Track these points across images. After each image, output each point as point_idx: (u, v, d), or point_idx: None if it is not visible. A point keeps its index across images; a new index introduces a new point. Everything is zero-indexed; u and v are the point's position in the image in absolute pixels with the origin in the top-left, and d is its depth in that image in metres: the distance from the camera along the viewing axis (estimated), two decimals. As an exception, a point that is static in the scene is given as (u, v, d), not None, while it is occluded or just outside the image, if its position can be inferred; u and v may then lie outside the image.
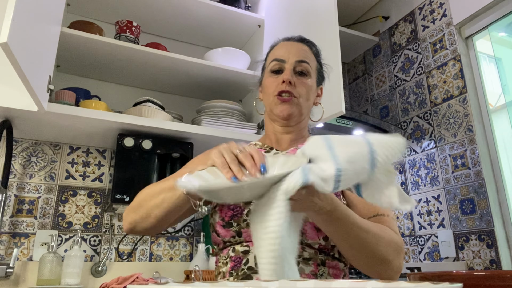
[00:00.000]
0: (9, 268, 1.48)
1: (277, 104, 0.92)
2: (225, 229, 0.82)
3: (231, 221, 0.82)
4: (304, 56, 0.96)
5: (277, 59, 0.95)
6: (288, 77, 0.91)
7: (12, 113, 1.45)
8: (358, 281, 0.40)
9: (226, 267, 0.82)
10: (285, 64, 0.94)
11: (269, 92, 0.94)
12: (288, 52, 0.96)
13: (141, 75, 1.85)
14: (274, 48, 1.01)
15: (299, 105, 0.93)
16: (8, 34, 0.86)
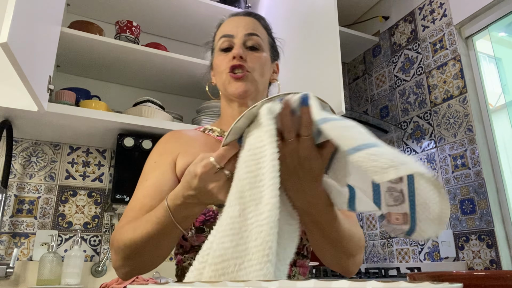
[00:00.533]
0: (9, 268, 1.48)
1: (230, 82, 0.86)
2: (195, 234, 0.76)
3: (203, 226, 0.75)
4: (253, 28, 0.90)
5: (225, 35, 0.90)
6: (238, 51, 0.86)
7: (12, 113, 1.45)
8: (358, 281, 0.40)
9: None
10: (234, 39, 0.88)
11: (221, 71, 0.88)
12: (236, 27, 0.90)
13: (141, 75, 1.85)
14: (221, 26, 0.96)
15: (254, 81, 0.87)
16: (8, 34, 0.86)
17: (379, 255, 2.15)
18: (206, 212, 0.75)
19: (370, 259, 2.22)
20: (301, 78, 1.59)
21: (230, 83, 0.86)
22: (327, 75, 1.44)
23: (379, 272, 1.72)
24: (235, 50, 0.86)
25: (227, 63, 0.87)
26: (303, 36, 1.63)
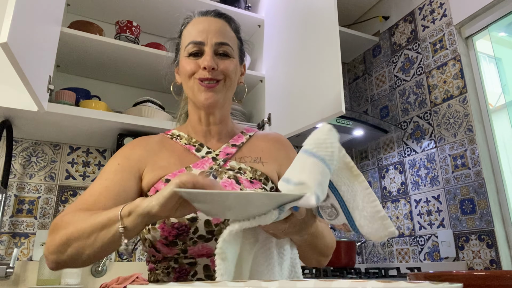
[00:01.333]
0: (9, 268, 1.48)
1: (200, 91, 0.85)
2: (168, 247, 0.76)
3: (176, 240, 0.76)
4: (224, 36, 0.88)
5: (195, 41, 0.86)
6: (210, 63, 0.83)
7: (12, 113, 1.45)
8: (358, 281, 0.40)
9: (169, 277, 0.78)
10: (204, 46, 0.86)
11: (188, 74, 0.86)
12: (206, 32, 0.87)
13: (141, 75, 1.85)
14: (188, 25, 0.92)
15: (224, 89, 0.87)
16: (8, 34, 0.86)
17: (379, 255, 2.15)
18: (179, 227, 0.75)
19: (370, 259, 2.22)
20: (301, 78, 1.59)
21: (200, 91, 0.85)
22: (327, 75, 1.44)
23: (379, 272, 1.72)
24: (207, 62, 0.84)
25: (195, 67, 0.85)
26: (303, 36, 1.63)
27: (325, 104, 1.42)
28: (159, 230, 0.75)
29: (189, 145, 0.91)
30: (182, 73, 0.89)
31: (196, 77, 0.85)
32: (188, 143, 0.91)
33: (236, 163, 0.87)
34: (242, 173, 0.86)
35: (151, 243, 0.78)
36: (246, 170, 0.86)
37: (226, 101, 0.91)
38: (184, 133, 0.94)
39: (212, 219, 0.76)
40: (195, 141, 0.91)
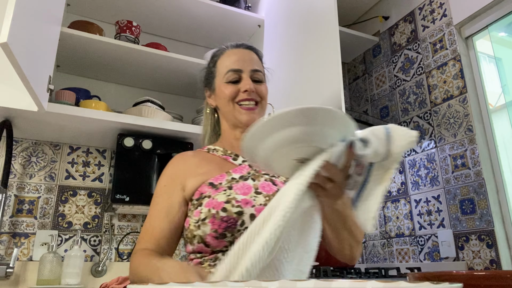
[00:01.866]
0: (9, 268, 1.48)
1: (241, 113, 0.98)
2: (217, 240, 0.84)
3: (225, 232, 0.84)
4: (257, 65, 1.03)
5: (234, 69, 1.00)
6: (251, 86, 0.97)
7: (12, 113, 1.45)
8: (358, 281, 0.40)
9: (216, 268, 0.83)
10: (242, 73, 0.99)
11: (228, 98, 0.98)
12: (242, 61, 1.01)
13: (141, 75, 1.85)
14: (223, 56, 1.05)
15: (261, 110, 1.01)
16: (8, 34, 0.86)
17: (379, 255, 2.15)
18: (228, 220, 0.84)
19: (370, 259, 2.22)
20: (301, 78, 1.59)
21: (241, 114, 0.98)
22: (327, 75, 1.44)
23: (379, 272, 1.72)
24: (248, 86, 0.97)
25: (235, 92, 0.98)
26: (303, 36, 1.63)
27: (325, 104, 1.42)
28: (209, 224, 0.84)
29: (226, 155, 1.01)
30: (221, 97, 1.01)
31: (236, 101, 0.98)
32: (225, 154, 1.02)
33: None
34: (276, 176, 0.96)
35: (201, 238, 0.85)
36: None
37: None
38: (219, 147, 1.05)
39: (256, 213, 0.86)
40: (230, 152, 1.02)
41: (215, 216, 0.84)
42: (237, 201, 0.86)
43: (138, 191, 1.55)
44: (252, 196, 0.89)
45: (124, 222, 1.81)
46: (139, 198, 1.55)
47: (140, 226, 1.84)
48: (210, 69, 1.08)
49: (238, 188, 0.90)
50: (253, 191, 0.90)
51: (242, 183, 0.92)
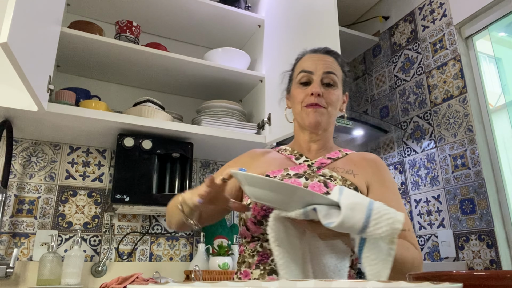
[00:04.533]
0: (9, 268, 1.48)
1: (307, 113, 0.98)
2: (256, 226, 0.89)
3: (262, 220, 0.88)
4: (331, 67, 1.01)
5: (305, 70, 1.00)
6: (317, 89, 0.97)
7: (12, 113, 1.45)
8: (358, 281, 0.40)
9: (253, 259, 0.90)
10: (313, 75, 0.99)
11: (297, 102, 1.00)
12: (315, 64, 1.00)
13: (141, 75, 1.85)
14: (301, 60, 1.06)
15: (327, 114, 0.99)
16: (8, 34, 0.86)
17: (379, 255, 2.15)
18: (267, 208, 0.87)
19: (370, 259, 2.21)
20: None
21: (307, 113, 0.98)
22: (327, 75, 1.43)
23: (379, 272, 1.72)
24: (314, 89, 0.97)
25: (304, 96, 0.99)
26: (303, 36, 1.63)
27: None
28: (252, 210, 0.89)
29: (291, 155, 1.04)
30: (293, 100, 1.03)
31: (304, 104, 0.99)
32: (291, 154, 1.05)
33: (328, 171, 0.96)
34: (332, 180, 0.94)
35: (244, 222, 0.91)
36: (337, 178, 0.95)
37: (329, 125, 1.02)
38: (289, 147, 1.08)
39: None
40: (296, 152, 1.05)
41: (256, 203, 0.88)
42: None
43: (138, 191, 1.55)
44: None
45: (124, 222, 1.81)
46: (139, 198, 1.55)
47: (140, 226, 1.84)
48: (290, 72, 1.11)
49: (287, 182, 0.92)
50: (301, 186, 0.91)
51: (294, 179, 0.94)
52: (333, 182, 0.94)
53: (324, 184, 0.92)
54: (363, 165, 1.01)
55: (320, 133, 1.02)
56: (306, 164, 1.00)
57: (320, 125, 0.99)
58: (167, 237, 1.87)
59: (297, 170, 0.97)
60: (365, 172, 0.99)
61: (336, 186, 0.71)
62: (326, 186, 0.92)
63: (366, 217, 0.62)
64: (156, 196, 1.58)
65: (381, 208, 0.64)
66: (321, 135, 1.03)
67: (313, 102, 0.97)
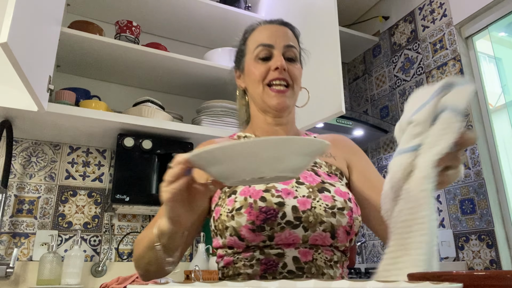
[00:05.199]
0: (9, 268, 1.48)
1: (271, 96, 0.86)
2: (254, 233, 0.74)
3: (264, 224, 0.74)
4: (291, 40, 0.91)
5: (264, 44, 0.88)
6: (283, 63, 0.85)
7: (12, 113, 1.45)
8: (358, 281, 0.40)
9: (254, 270, 0.75)
10: (273, 49, 0.88)
11: (257, 80, 0.87)
12: (274, 37, 0.89)
13: (141, 75, 1.85)
14: (254, 32, 0.93)
15: (294, 94, 0.89)
16: (8, 34, 0.86)
17: (379, 255, 2.15)
18: (267, 211, 0.74)
19: (370, 259, 2.22)
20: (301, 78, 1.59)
21: (271, 97, 0.86)
22: (327, 75, 1.44)
23: (379, 272, 1.72)
24: (279, 62, 0.85)
25: (265, 72, 0.87)
26: (303, 36, 1.63)
27: (325, 104, 1.42)
28: (246, 215, 0.74)
29: None
30: (250, 78, 0.90)
31: (266, 82, 0.86)
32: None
33: None
34: (318, 166, 0.87)
35: (235, 230, 0.75)
36: (322, 165, 0.88)
37: (293, 106, 0.93)
38: (250, 134, 0.95)
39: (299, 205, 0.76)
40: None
41: (252, 206, 0.75)
42: (277, 191, 0.77)
43: (138, 191, 1.55)
44: (293, 186, 0.80)
45: (124, 222, 1.81)
46: (139, 198, 1.55)
47: (140, 226, 1.84)
48: (240, 47, 0.98)
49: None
50: (294, 180, 0.81)
51: None
52: (320, 169, 0.87)
53: (315, 173, 0.85)
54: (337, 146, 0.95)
55: (284, 115, 0.91)
56: None
57: (287, 109, 0.89)
58: (167, 237, 1.87)
59: None
60: (341, 152, 0.94)
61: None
62: (317, 175, 0.85)
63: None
64: (156, 196, 1.58)
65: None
66: (286, 118, 0.92)
67: (278, 77, 0.85)
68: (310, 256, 0.76)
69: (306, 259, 0.75)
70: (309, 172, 0.84)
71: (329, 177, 0.86)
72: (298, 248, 0.76)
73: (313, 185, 0.80)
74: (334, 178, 0.86)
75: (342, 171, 0.90)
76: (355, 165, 0.92)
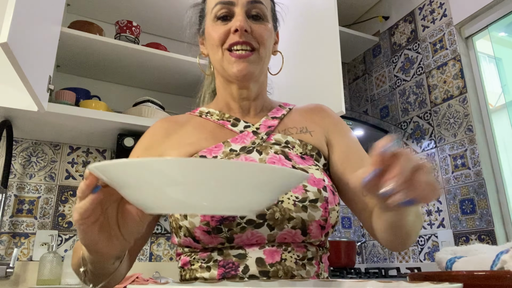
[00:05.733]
0: (9, 268, 1.48)
1: (231, 62, 0.72)
2: (210, 235, 0.64)
3: (221, 225, 0.63)
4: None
5: (223, 1, 0.74)
6: (243, 23, 0.71)
7: (12, 113, 1.45)
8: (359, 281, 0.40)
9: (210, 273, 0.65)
10: (234, 7, 0.74)
11: (216, 44, 0.74)
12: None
13: (141, 75, 1.85)
14: None
15: (260, 60, 0.74)
16: (8, 34, 0.86)
17: (379, 255, 2.15)
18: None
19: (370, 259, 2.22)
20: (301, 78, 1.59)
21: (231, 62, 0.73)
22: (327, 75, 1.44)
23: (379, 272, 1.72)
24: (238, 22, 0.72)
25: (224, 35, 0.73)
26: (302, 36, 1.63)
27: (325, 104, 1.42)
28: (199, 216, 0.64)
29: (223, 120, 0.78)
30: (209, 42, 0.77)
31: (225, 47, 0.73)
32: (221, 118, 0.79)
33: (282, 136, 0.76)
34: (290, 147, 0.75)
35: (188, 232, 0.65)
36: (295, 144, 0.75)
37: (261, 74, 0.79)
38: (214, 110, 0.82)
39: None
40: (229, 116, 0.79)
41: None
42: None
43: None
44: None
45: (124, 222, 1.81)
46: (139, 198, 1.54)
47: (140, 226, 1.84)
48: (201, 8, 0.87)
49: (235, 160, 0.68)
50: None
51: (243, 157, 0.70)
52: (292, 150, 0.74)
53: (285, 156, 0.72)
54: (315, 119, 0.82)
55: (251, 86, 0.77)
56: (250, 130, 0.76)
57: (252, 77, 0.74)
58: (167, 237, 1.87)
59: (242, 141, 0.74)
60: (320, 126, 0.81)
61: None
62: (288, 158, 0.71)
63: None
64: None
65: None
66: (255, 90, 0.79)
67: (238, 40, 0.71)
68: (278, 256, 0.65)
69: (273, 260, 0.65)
70: (277, 156, 0.71)
71: (303, 160, 0.73)
72: (264, 247, 0.65)
73: None
74: (309, 161, 0.74)
75: (320, 150, 0.77)
76: (337, 143, 0.79)
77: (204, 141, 0.73)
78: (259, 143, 0.74)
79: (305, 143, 0.76)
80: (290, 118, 0.82)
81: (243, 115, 0.80)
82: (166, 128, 0.78)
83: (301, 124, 0.80)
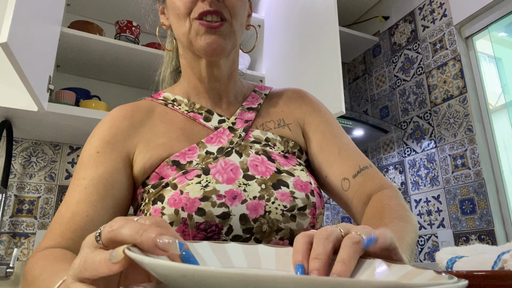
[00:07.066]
0: (9, 268, 1.48)
1: (200, 34, 0.62)
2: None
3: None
4: None
5: None
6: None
7: (12, 113, 1.45)
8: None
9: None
10: None
11: (182, 14, 0.63)
12: None
13: (141, 75, 1.85)
14: None
15: (233, 33, 0.65)
16: (8, 34, 0.86)
17: (379, 255, 2.15)
18: (207, 228, 0.56)
19: (370, 259, 2.22)
20: (301, 78, 1.59)
21: (199, 34, 0.62)
22: (327, 75, 1.44)
23: (379, 272, 1.72)
24: None
25: (191, 3, 0.62)
26: (303, 36, 1.63)
27: (325, 104, 1.42)
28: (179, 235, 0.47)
29: (193, 113, 0.69)
30: (173, 11, 0.65)
31: (193, 16, 0.62)
32: (191, 110, 0.69)
33: (261, 132, 0.69)
34: (271, 145, 0.67)
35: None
36: (276, 141, 0.68)
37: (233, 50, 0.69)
38: (181, 97, 0.71)
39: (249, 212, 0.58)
40: (199, 107, 0.70)
41: (187, 223, 0.55)
42: (220, 196, 0.57)
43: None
44: (241, 184, 0.60)
45: (124, 222, 1.81)
46: (139, 198, 1.55)
47: (140, 226, 1.84)
48: None
49: (218, 170, 0.61)
50: (241, 174, 0.61)
51: (222, 160, 0.62)
52: (273, 148, 0.67)
53: (267, 156, 0.65)
54: (291, 108, 0.75)
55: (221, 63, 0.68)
56: (226, 127, 0.68)
57: (223, 51, 0.64)
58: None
59: (218, 141, 0.65)
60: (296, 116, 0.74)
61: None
62: (271, 160, 0.65)
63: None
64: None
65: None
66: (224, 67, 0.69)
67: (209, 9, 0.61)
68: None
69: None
70: (259, 157, 0.64)
71: (286, 160, 0.67)
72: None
73: (266, 178, 0.61)
74: (292, 160, 0.67)
75: (301, 146, 0.71)
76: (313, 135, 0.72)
77: (176, 142, 0.65)
78: (237, 142, 0.66)
79: (286, 140, 0.70)
80: (266, 108, 0.74)
81: (214, 105, 0.71)
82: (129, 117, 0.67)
83: (277, 115, 0.73)
